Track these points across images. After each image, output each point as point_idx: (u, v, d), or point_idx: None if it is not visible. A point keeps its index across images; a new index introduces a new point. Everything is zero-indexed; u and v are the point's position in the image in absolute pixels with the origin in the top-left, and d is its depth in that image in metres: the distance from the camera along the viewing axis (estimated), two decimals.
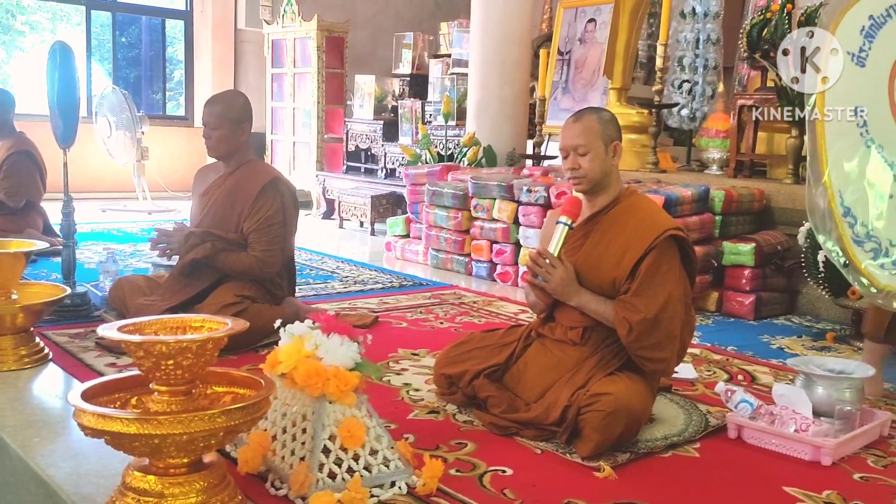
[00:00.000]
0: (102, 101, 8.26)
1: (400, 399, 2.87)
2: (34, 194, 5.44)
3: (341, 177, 8.06)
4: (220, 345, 1.93)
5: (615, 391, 2.38)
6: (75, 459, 2.21)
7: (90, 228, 6.73)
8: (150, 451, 1.82)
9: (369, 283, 4.93)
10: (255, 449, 2.16)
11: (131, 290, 3.60)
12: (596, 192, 2.67)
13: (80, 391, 1.89)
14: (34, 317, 3.06)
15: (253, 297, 3.47)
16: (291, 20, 8.72)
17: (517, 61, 6.51)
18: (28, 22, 10.00)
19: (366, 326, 3.83)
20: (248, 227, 3.50)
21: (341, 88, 8.74)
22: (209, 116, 3.52)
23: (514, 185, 5.10)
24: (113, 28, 9.79)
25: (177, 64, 10.46)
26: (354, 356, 2.17)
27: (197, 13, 10.15)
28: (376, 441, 2.14)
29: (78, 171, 8.75)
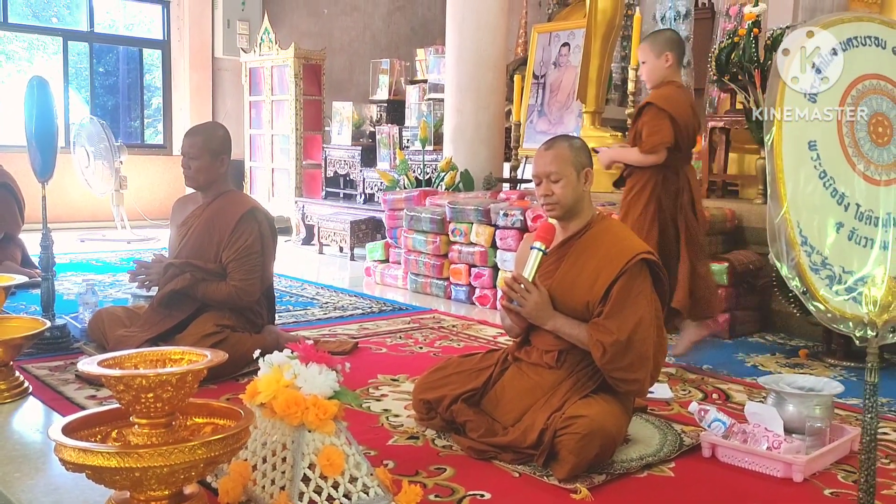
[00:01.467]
0: (80, 131, 8.27)
1: (380, 425, 2.90)
2: (12, 227, 5.44)
3: (320, 202, 8.10)
4: (200, 377, 1.97)
5: (590, 413, 2.43)
6: (56, 494, 2.22)
7: (69, 259, 6.71)
8: (131, 485, 1.85)
9: (349, 309, 4.96)
10: (236, 479, 2.18)
11: (111, 322, 3.61)
12: (569, 218, 2.73)
13: (60, 425, 1.92)
14: (14, 351, 3.06)
15: (233, 327, 3.50)
16: (269, 48, 8.78)
17: (492, 86, 6.60)
18: (4, 52, 9.98)
19: (346, 353, 3.87)
20: (227, 257, 3.53)
21: (319, 115, 8.81)
22: (189, 147, 3.56)
23: (490, 209, 5.16)
24: (90, 58, 9.82)
25: (155, 92, 10.49)
26: (333, 384, 2.21)
27: (174, 42, 10.20)
28: (356, 468, 2.17)
29: (56, 200, 8.77)
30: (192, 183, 3.63)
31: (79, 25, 9.74)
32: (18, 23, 9.43)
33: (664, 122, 3.65)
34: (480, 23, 6.53)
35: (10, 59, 9.94)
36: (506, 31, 6.83)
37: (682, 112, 3.68)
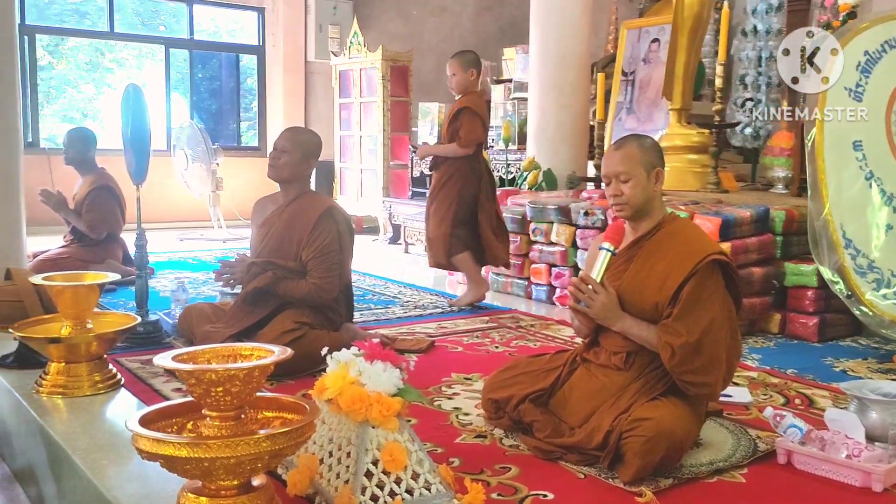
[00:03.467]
0: (180, 135, 8.64)
1: (449, 423, 2.94)
2: (114, 227, 5.72)
3: (406, 202, 8.21)
4: (267, 373, 2.04)
5: (656, 416, 2.40)
6: (139, 482, 2.34)
7: (167, 257, 7.02)
8: (200, 474, 1.94)
9: (429, 308, 5.02)
10: (304, 472, 2.26)
11: (198, 318, 3.77)
12: (638, 218, 2.70)
13: (138, 416, 2.03)
14: (107, 344, 3.24)
15: (311, 324, 3.60)
16: (357, 51, 8.96)
17: (575, 84, 6.56)
18: (115, 59, 10.53)
19: (422, 351, 3.93)
20: (307, 256, 3.64)
21: (406, 116, 8.93)
22: (285, 140, 3.69)
23: (571, 208, 5.13)
24: (190, 65, 10.23)
25: (251, 96, 10.85)
26: (397, 382, 2.25)
27: (269, 47, 10.52)
28: (418, 465, 2.21)
29: (157, 201, 9.21)
30: (277, 174, 3.74)
31: (181, 33, 10.16)
32: (124, 32, 9.90)
33: (477, 122, 4.89)
34: (564, 21, 6.49)
35: (121, 66, 10.49)
36: (590, 28, 6.77)
37: (485, 115, 5.02)
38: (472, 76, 4.95)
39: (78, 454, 2.56)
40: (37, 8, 9.46)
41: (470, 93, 4.96)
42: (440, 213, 4.99)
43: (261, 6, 10.42)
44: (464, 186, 4.96)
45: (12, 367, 3.43)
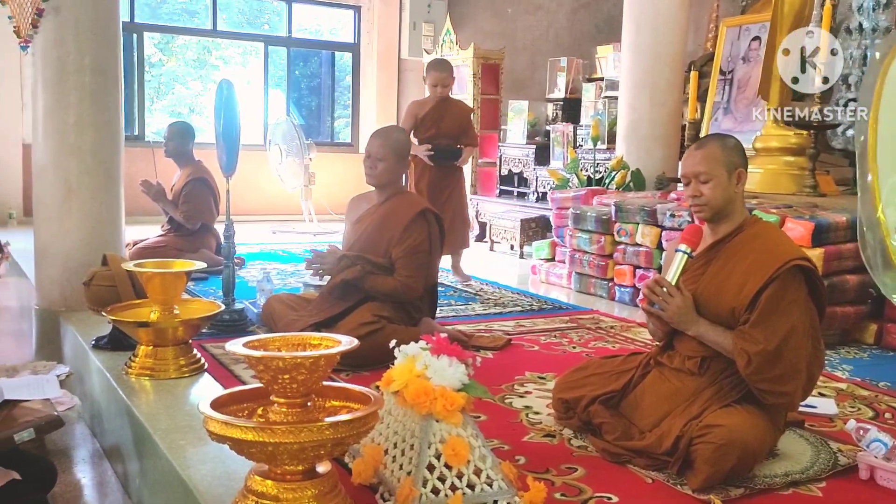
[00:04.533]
0: (275, 130, 8.87)
1: (518, 421, 2.93)
2: (208, 217, 5.93)
3: (493, 200, 8.22)
4: (333, 363, 2.08)
5: (728, 423, 2.34)
6: (212, 463, 2.43)
7: (259, 249, 7.22)
8: (266, 458, 2.00)
9: (509, 306, 5.02)
10: (369, 461, 2.30)
11: (281, 308, 3.88)
12: (718, 220, 2.63)
13: (210, 399, 2.10)
14: (192, 330, 3.37)
15: (390, 318, 3.65)
16: (450, 49, 9.00)
17: (668, 83, 6.42)
18: (221, 56, 10.91)
19: (497, 348, 3.93)
20: (396, 254, 3.70)
21: (496, 113, 8.92)
22: (378, 149, 3.75)
23: (657, 209, 5.03)
24: (288, 62, 10.49)
25: (346, 92, 11.05)
26: (462, 377, 2.26)
27: (364, 45, 10.69)
28: (480, 461, 2.22)
29: (253, 195, 9.49)
30: (375, 181, 3.83)
31: (282, 32, 10.43)
32: (226, 30, 10.24)
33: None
34: (658, 18, 6.36)
35: (227, 63, 10.87)
36: (685, 26, 6.61)
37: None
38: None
39: (159, 434, 2.67)
40: (149, 7, 9.88)
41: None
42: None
43: (357, 4, 10.59)
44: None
45: (106, 349, 3.60)
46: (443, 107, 5.72)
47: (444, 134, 5.71)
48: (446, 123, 5.71)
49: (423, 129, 5.71)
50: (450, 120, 5.73)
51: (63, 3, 4.26)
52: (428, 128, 5.70)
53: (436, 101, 5.71)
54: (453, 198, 5.74)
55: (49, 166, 4.36)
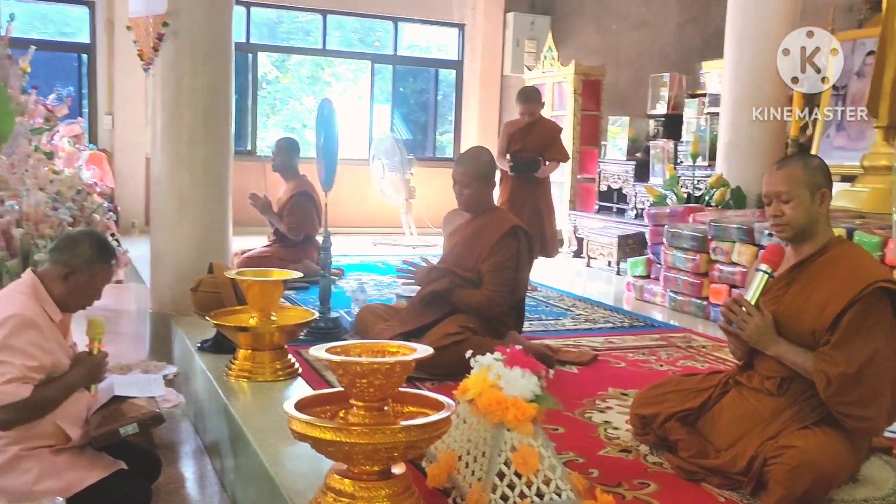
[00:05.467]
0: (378, 146, 9.14)
1: (596, 435, 2.97)
2: (311, 230, 6.19)
3: (591, 216, 8.21)
4: (409, 369, 2.19)
5: (803, 445, 2.32)
6: (297, 461, 2.58)
7: (359, 260, 7.46)
8: (343, 457, 2.12)
9: (599, 322, 5.03)
10: (443, 466, 2.40)
11: (373, 317, 4.03)
12: (800, 241, 2.61)
13: (295, 401, 2.25)
14: (288, 336, 3.56)
15: (475, 330, 3.73)
16: (551, 66, 9.07)
17: (770, 99, 6.26)
18: (334, 74, 11.33)
19: (583, 363, 3.97)
20: (485, 269, 3.79)
21: (596, 129, 8.92)
22: (461, 176, 3.87)
23: (755, 228, 4.95)
24: (393, 79, 10.79)
25: (449, 109, 11.26)
26: (534, 388, 2.33)
27: (467, 62, 10.88)
28: (550, 470, 2.28)
29: (356, 208, 9.80)
30: (465, 207, 3.96)
31: (389, 50, 10.73)
32: (334, 49, 10.62)
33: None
34: (761, 34, 6.24)
35: (339, 80, 11.27)
36: None
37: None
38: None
39: (251, 432, 2.85)
40: (267, 27, 10.37)
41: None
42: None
43: (462, 23, 10.80)
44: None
45: (209, 351, 3.84)
46: (531, 125, 6.17)
47: (529, 148, 6.13)
48: (532, 139, 6.14)
49: (511, 145, 6.16)
50: (536, 136, 6.16)
51: (181, 28, 4.57)
52: (515, 143, 6.14)
53: (526, 121, 6.17)
54: (533, 208, 6.00)
55: (164, 179, 4.67)
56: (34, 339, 2.71)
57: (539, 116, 6.30)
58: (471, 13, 10.70)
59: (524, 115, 6.17)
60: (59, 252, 2.86)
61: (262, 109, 10.49)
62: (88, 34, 9.13)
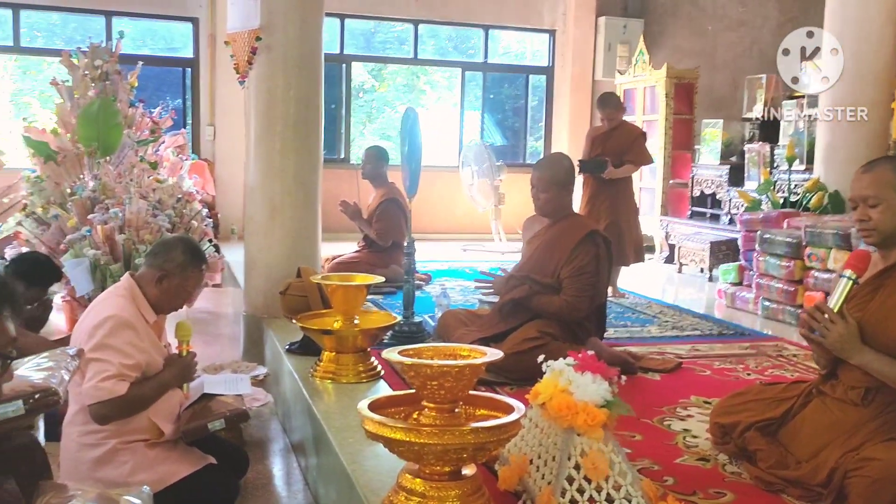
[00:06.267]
0: (468, 152, 9.22)
1: (674, 443, 2.93)
2: (399, 236, 6.30)
3: (683, 222, 8.05)
4: (478, 372, 2.23)
5: (887, 458, 2.24)
6: (374, 460, 2.66)
7: (448, 266, 7.53)
8: (413, 457, 2.18)
9: (686, 330, 4.94)
10: (514, 469, 2.42)
11: (454, 322, 4.08)
12: (889, 246, 2.53)
13: (369, 401, 2.32)
14: (371, 339, 3.65)
15: (555, 335, 3.74)
16: (642, 70, 8.95)
17: (872, 101, 6.03)
18: (429, 82, 11.49)
19: (666, 371, 3.92)
20: (564, 274, 3.80)
21: (689, 134, 8.75)
22: (538, 181, 3.89)
23: (851, 233, 4.77)
24: (483, 86, 10.86)
25: (539, 115, 11.25)
26: (605, 394, 2.33)
27: (558, 68, 10.84)
28: (620, 476, 2.27)
29: (446, 214, 9.91)
30: (541, 212, 3.98)
31: (484, 57, 10.80)
32: (426, 58, 10.77)
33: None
34: (861, 34, 6.01)
35: (433, 88, 11.43)
36: (893, 41, 6.19)
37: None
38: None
39: (332, 431, 2.94)
40: (364, 37, 10.60)
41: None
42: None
43: (552, 28, 10.77)
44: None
45: (297, 353, 3.97)
46: (612, 130, 6.23)
47: (609, 153, 6.13)
48: (611, 143, 6.16)
49: (592, 150, 6.21)
50: (616, 140, 6.16)
51: (274, 42, 4.75)
52: (596, 148, 6.18)
53: (607, 126, 6.20)
54: (610, 211, 6.03)
55: (257, 187, 4.86)
56: (130, 338, 2.88)
57: (621, 121, 6.28)
58: (562, 19, 10.66)
59: (604, 121, 6.21)
60: (153, 256, 3.02)
61: (359, 118, 10.70)
62: (192, 49, 9.55)
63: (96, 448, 2.88)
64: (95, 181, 5.14)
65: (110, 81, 6.17)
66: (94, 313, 2.95)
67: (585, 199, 6.14)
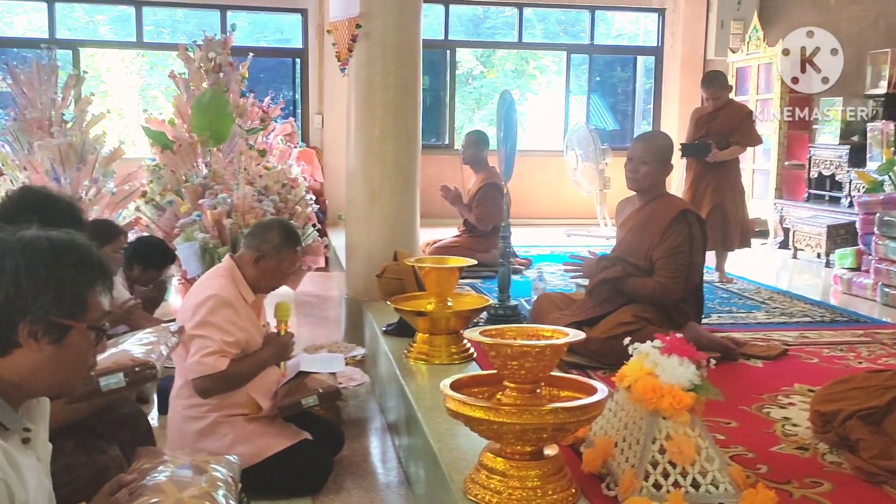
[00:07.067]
0: (572, 136, 9.10)
1: (772, 431, 2.83)
2: (499, 220, 6.24)
3: (799, 205, 7.70)
4: (559, 353, 2.22)
5: None
6: (459, 440, 2.68)
7: (550, 251, 7.47)
8: (493, 436, 2.19)
9: (796, 316, 4.73)
10: (599, 452, 2.40)
11: (549, 306, 4.05)
12: None
13: (451, 380, 2.34)
14: (463, 321, 3.67)
15: (650, 320, 3.66)
16: (756, 47, 8.60)
17: None
18: (538, 66, 11.41)
19: (770, 358, 3.78)
20: (657, 255, 3.70)
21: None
22: (641, 152, 3.81)
23: None
24: (589, 68, 10.68)
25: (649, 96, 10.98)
26: (692, 377, 2.27)
27: (667, 48, 10.53)
28: (707, 461, 2.21)
29: (551, 199, 9.83)
30: (636, 186, 3.88)
31: (595, 39, 10.62)
32: (530, 41, 10.67)
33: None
34: None
35: (542, 72, 11.35)
36: None
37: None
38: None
39: (422, 411, 2.99)
40: (472, 22, 10.60)
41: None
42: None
43: (661, 7, 10.47)
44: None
45: (393, 335, 4.04)
46: (718, 110, 6.03)
47: (714, 133, 5.98)
48: (716, 124, 5.99)
49: (697, 131, 6.03)
50: (722, 120, 5.97)
51: (373, 29, 4.83)
52: (700, 129, 6.01)
53: (712, 106, 6.05)
54: (714, 194, 5.85)
55: (358, 173, 4.96)
56: (230, 317, 3.01)
57: (727, 100, 6.09)
58: None
59: (709, 101, 6.05)
60: (251, 238, 3.14)
61: (468, 105, 10.70)
62: (301, 40, 9.80)
63: (199, 420, 3.02)
64: (207, 168, 5.36)
65: (223, 73, 6.42)
66: (196, 292, 3.09)
67: (689, 183, 5.99)
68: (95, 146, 5.96)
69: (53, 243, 1.43)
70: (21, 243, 1.41)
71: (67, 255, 1.43)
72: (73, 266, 1.43)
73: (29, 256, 1.39)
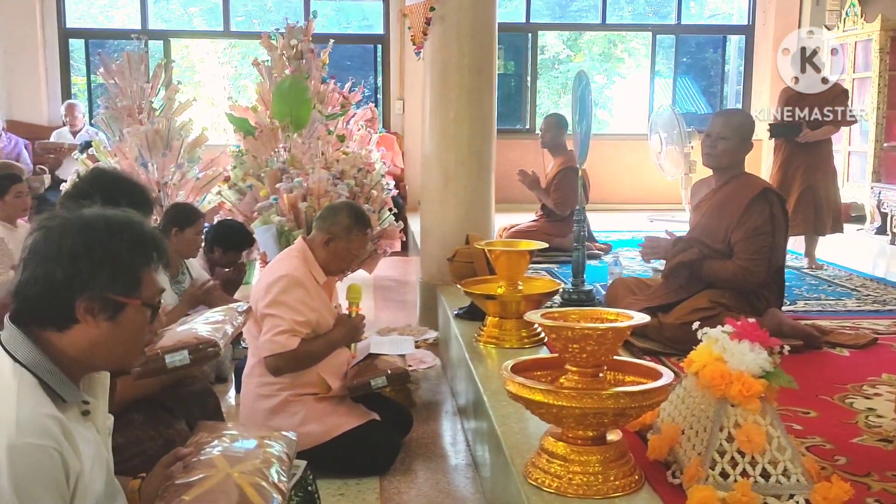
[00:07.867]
0: (657, 119, 8.88)
1: (854, 422, 2.70)
2: (576, 205, 6.19)
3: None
4: (622, 336, 2.17)
5: None
6: (523, 423, 2.65)
7: (631, 236, 7.32)
8: (553, 419, 2.16)
9: (889, 304, 4.50)
10: (665, 439, 2.33)
11: (623, 290, 3.97)
12: None
13: (513, 363, 2.31)
14: (533, 305, 3.61)
15: (727, 306, 3.52)
16: (853, 23, 8.20)
17: None
18: (627, 49, 11.19)
19: (858, 347, 3.61)
20: (736, 237, 3.56)
21: None
22: (722, 127, 3.66)
23: None
24: (675, 49, 10.39)
25: (737, 77, 10.63)
26: (764, 364, 2.18)
27: (758, 26, 10.16)
28: (778, 451, 2.12)
29: (635, 184, 9.65)
30: (714, 162, 3.74)
31: (688, 19, 10.33)
32: (613, 23, 10.46)
33: None
34: None
35: (631, 55, 11.12)
36: None
37: None
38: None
39: (488, 394, 2.97)
40: (559, 6, 10.45)
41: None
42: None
43: None
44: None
45: (464, 318, 4.03)
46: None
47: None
48: (807, 103, 5.78)
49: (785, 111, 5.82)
50: (813, 99, 5.77)
51: (448, 12, 4.80)
52: (790, 108, 5.82)
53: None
54: (805, 175, 5.68)
55: (432, 157, 4.96)
56: (301, 297, 3.05)
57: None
58: None
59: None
60: (321, 220, 3.18)
61: (553, 89, 10.56)
62: (382, 26, 9.86)
63: (271, 399, 3.08)
64: (286, 153, 5.46)
65: (304, 60, 6.50)
66: (269, 273, 3.16)
67: (777, 164, 5.79)
68: (181, 133, 6.14)
69: (109, 222, 1.46)
70: (80, 222, 1.45)
71: (123, 233, 1.47)
72: (128, 244, 1.46)
73: (86, 235, 1.43)
